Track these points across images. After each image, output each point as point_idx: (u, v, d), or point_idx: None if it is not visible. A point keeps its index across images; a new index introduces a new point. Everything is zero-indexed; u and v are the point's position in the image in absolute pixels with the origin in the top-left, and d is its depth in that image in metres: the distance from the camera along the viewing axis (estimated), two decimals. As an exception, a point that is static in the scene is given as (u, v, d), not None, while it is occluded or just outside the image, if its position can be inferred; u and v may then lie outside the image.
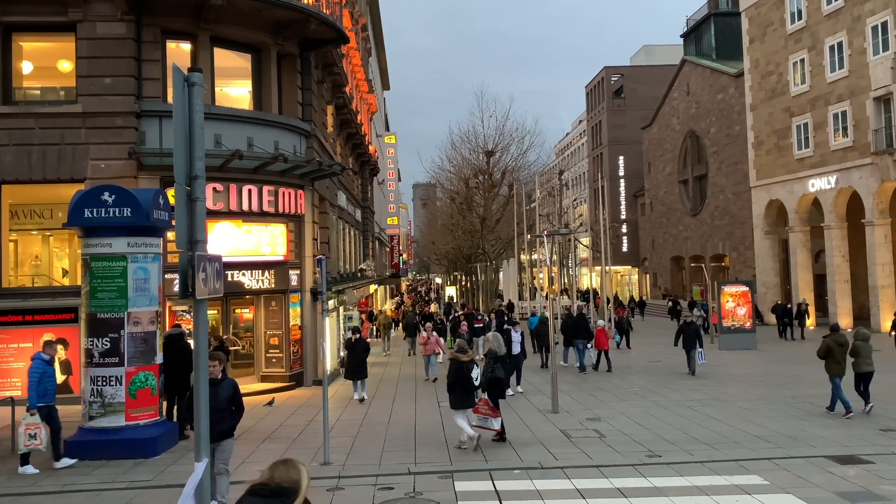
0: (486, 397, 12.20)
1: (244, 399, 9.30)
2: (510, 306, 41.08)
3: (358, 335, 18.41)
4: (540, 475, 10.40)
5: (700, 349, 20.71)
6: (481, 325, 25.65)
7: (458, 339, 24.42)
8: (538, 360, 23.21)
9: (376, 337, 32.66)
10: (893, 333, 26.26)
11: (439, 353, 21.72)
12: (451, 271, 69.48)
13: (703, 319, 31.42)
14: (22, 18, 16.58)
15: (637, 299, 54.06)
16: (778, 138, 38.16)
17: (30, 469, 10.88)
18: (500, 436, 12.42)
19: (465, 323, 25.27)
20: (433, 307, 56.49)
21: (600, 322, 24.25)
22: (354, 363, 17.58)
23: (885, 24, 30.36)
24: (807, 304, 33.32)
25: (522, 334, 19.44)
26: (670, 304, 46.35)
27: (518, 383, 18.31)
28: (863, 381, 14.41)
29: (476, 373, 12.06)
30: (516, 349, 18.45)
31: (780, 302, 34.91)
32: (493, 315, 29.80)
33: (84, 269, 12.20)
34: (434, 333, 22.12)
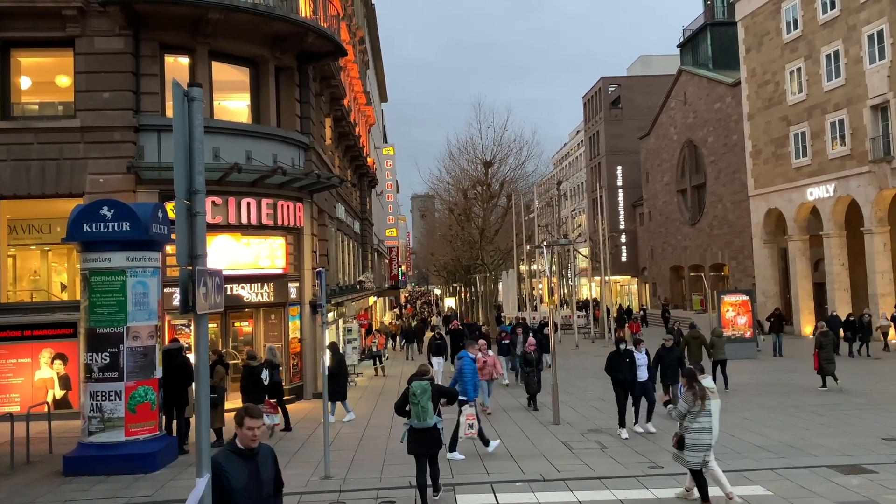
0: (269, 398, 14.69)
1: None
2: (498, 318, 40.85)
3: (338, 354, 16.67)
4: (542, 487, 10.36)
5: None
6: (507, 340, 23.40)
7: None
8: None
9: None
10: None
11: (496, 378, 18.08)
12: (450, 283, 69.34)
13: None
14: (20, 34, 16.64)
15: (625, 308, 53.82)
16: (776, 147, 38.25)
17: (457, 456, 12.12)
18: (287, 427, 15.08)
19: (532, 340, 18.84)
20: (434, 320, 56.16)
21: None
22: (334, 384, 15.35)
23: (880, 33, 30.50)
24: (870, 315, 27.80)
25: (649, 355, 14.76)
26: (642, 313, 45.14)
27: (648, 419, 14.24)
28: (719, 365, 19.16)
29: (265, 375, 14.50)
30: (642, 374, 14.12)
31: (835, 313, 30.71)
32: (518, 329, 23.98)
33: (83, 284, 12.19)
34: (490, 354, 18.00)
